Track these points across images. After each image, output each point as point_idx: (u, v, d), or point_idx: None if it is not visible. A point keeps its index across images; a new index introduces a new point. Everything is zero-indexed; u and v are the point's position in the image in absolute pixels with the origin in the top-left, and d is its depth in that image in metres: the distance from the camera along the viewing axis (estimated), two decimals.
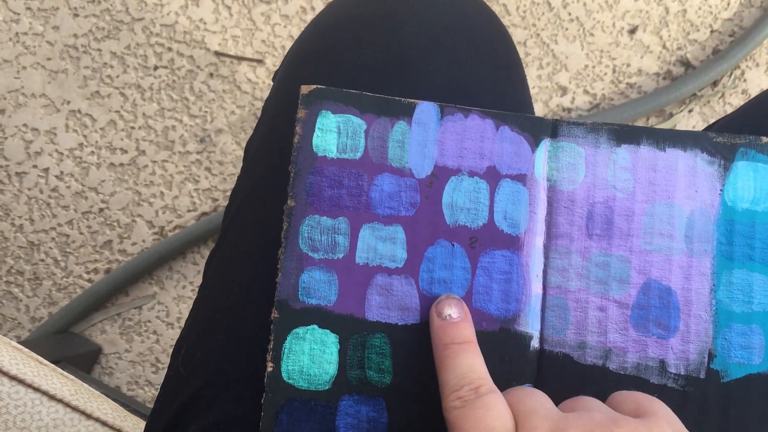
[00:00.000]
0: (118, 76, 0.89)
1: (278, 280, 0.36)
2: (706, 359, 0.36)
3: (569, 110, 0.89)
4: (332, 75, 0.40)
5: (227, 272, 0.39)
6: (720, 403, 0.35)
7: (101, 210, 0.89)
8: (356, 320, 0.36)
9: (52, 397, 0.47)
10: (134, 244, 0.89)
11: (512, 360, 0.36)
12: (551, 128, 0.38)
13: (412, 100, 0.38)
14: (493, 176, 0.37)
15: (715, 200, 0.37)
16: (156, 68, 0.90)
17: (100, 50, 0.89)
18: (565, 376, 0.36)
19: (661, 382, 0.35)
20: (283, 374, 0.35)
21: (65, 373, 0.50)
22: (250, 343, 0.36)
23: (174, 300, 0.88)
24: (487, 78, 0.41)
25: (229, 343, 0.37)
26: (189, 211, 0.89)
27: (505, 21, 0.90)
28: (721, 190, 0.37)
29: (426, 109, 0.37)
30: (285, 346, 0.35)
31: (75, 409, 0.47)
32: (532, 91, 0.89)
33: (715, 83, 0.90)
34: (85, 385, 0.51)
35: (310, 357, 0.35)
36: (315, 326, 0.36)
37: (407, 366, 0.35)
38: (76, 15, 0.89)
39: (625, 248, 0.36)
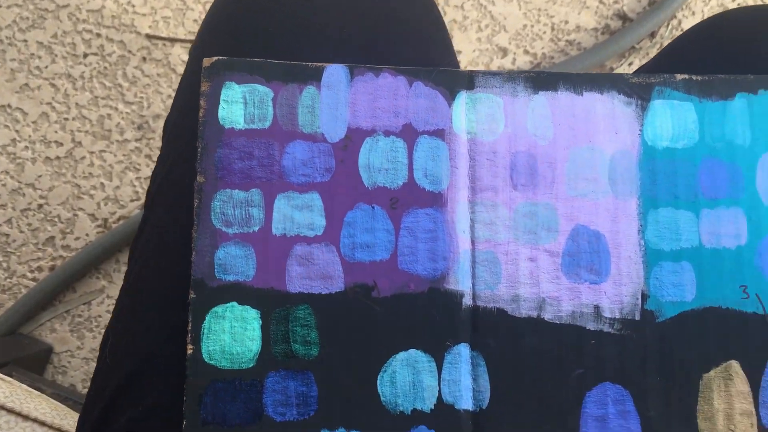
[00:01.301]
0: (46, 67, 0.86)
1: (193, 258, 0.35)
2: (640, 301, 0.35)
3: None
4: (242, 43, 0.38)
5: (150, 257, 0.38)
6: (657, 344, 0.35)
7: (40, 206, 0.86)
8: (277, 293, 0.35)
9: None
10: (78, 238, 0.86)
11: (444, 321, 0.35)
12: (467, 80, 0.37)
13: (320, 64, 0.36)
14: (409, 134, 0.36)
15: (635, 141, 0.37)
16: (86, 56, 0.87)
17: (25, 41, 0.86)
18: (501, 331, 0.35)
19: (597, 327, 0.35)
20: (204, 355, 0.34)
21: (0, 375, 0.49)
22: (175, 327, 0.35)
23: None
24: (406, 41, 0.40)
25: (155, 329, 0.36)
26: (132, 200, 0.87)
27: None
28: (640, 130, 0.37)
29: (335, 72, 0.36)
30: (204, 326, 0.34)
31: (11, 411, 0.46)
32: (472, 55, 0.88)
33: (653, 35, 0.90)
34: (23, 386, 0.50)
35: (231, 335, 0.34)
36: (234, 303, 0.35)
37: (334, 336, 0.35)
38: None
39: (551, 196, 0.36)
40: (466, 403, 0.34)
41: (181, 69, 0.87)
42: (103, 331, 0.85)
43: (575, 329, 0.35)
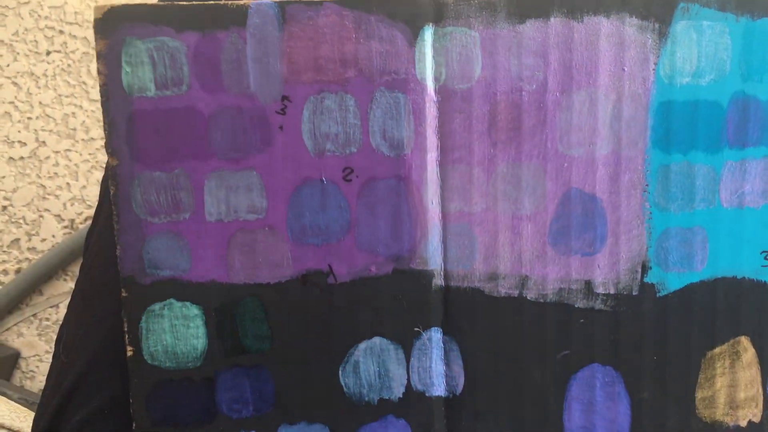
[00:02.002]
0: (8, 65, 0.84)
1: (118, 254, 0.31)
2: (639, 273, 0.31)
3: None
4: None
5: (102, 248, 0.36)
6: (655, 319, 0.31)
7: (5, 208, 0.84)
8: (220, 286, 0.31)
9: None
10: (44, 240, 0.84)
11: (412, 305, 0.31)
12: (433, 10, 0.30)
13: (242, 2, 0.29)
14: (362, 87, 0.30)
15: (648, 78, 0.30)
16: (48, 53, 0.85)
17: None
18: (476, 313, 0.31)
19: (587, 305, 0.31)
20: (146, 357, 0.31)
21: None
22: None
23: None
24: None
25: (106, 325, 0.34)
26: None
27: None
28: (655, 63, 0.30)
29: (262, 11, 0.29)
30: (141, 326, 0.31)
31: None
32: None
33: None
34: None
35: (173, 335, 0.31)
36: (172, 300, 0.31)
37: (287, 328, 0.31)
38: None
39: (538, 154, 0.30)
40: (438, 390, 0.32)
41: None
42: None
43: (562, 308, 0.31)
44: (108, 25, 0.29)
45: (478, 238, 0.31)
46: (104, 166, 0.84)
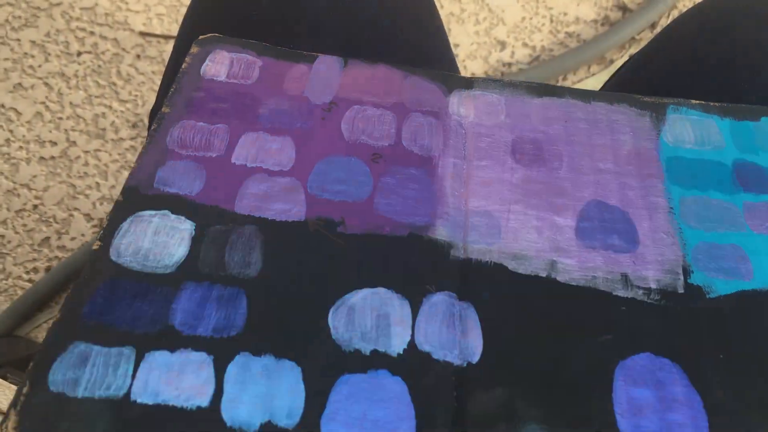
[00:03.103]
0: (40, 66, 0.85)
1: (132, 170, 0.30)
2: (681, 276, 0.29)
3: (509, 65, 0.88)
4: (228, 32, 0.37)
5: None
6: (713, 318, 0.29)
7: (35, 206, 0.85)
8: (222, 211, 0.30)
9: None
10: (73, 238, 0.85)
11: (426, 266, 0.29)
12: (465, 83, 0.35)
13: (315, 54, 0.35)
14: (401, 110, 0.33)
15: (654, 139, 0.33)
16: (79, 54, 0.86)
17: (18, 40, 0.85)
18: (499, 285, 0.29)
19: (627, 295, 0.29)
20: (111, 253, 0.28)
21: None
22: None
23: None
24: (399, 35, 0.39)
25: None
26: None
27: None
28: (658, 134, 0.34)
29: (328, 60, 0.35)
30: (122, 227, 0.28)
31: (2, 413, 0.45)
32: (470, 48, 0.87)
33: (653, 25, 0.88)
34: (13, 387, 0.49)
35: (153, 240, 0.28)
36: (167, 211, 0.29)
37: (281, 261, 0.29)
38: None
39: (560, 174, 0.32)
40: (448, 355, 0.27)
41: None
42: None
43: (599, 293, 0.29)
44: (206, 42, 0.35)
45: (503, 222, 0.30)
46: (133, 165, 0.84)
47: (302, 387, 0.26)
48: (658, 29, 0.88)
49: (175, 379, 0.25)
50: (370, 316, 0.28)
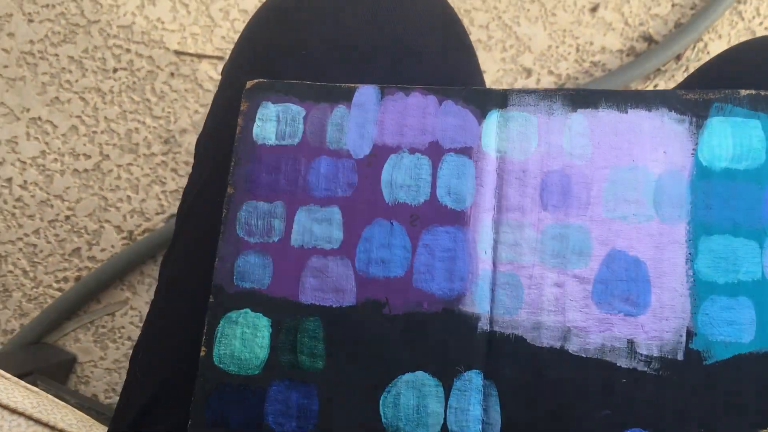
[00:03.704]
0: (77, 81, 0.88)
1: (216, 265, 0.36)
2: (684, 338, 0.31)
3: None
4: (274, 61, 0.39)
5: (180, 274, 0.38)
6: (703, 390, 0.30)
7: (68, 217, 0.87)
8: (290, 303, 0.35)
9: (13, 411, 0.46)
10: (103, 250, 0.87)
11: (457, 344, 0.33)
12: (500, 98, 0.35)
13: (352, 85, 0.37)
14: (435, 152, 0.35)
15: (687, 161, 0.33)
16: (115, 70, 0.88)
17: (57, 55, 0.88)
18: (519, 360, 0.32)
19: (630, 365, 0.31)
20: (215, 358, 0.34)
21: (28, 386, 0.49)
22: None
23: (146, 304, 0.87)
24: (433, 60, 0.41)
25: (185, 345, 0.36)
26: (157, 213, 0.88)
27: (466, 5, 0.89)
28: (693, 149, 0.33)
29: (366, 92, 0.37)
30: (218, 331, 0.35)
31: (38, 421, 0.46)
32: (497, 75, 0.89)
33: (678, 57, 0.89)
34: (50, 396, 0.50)
35: (242, 341, 0.34)
36: (248, 310, 0.35)
37: (340, 350, 0.34)
38: (31, 21, 0.88)
39: (585, 217, 0.33)
40: None
41: (208, 85, 0.88)
42: (126, 342, 0.86)
43: (604, 365, 0.31)
44: (253, 92, 0.37)
45: (525, 288, 0.33)
46: (163, 180, 0.87)
47: None
48: (683, 61, 0.89)
49: None
50: (412, 402, 0.33)
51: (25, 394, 0.48)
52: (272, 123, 0.37)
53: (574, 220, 0.33)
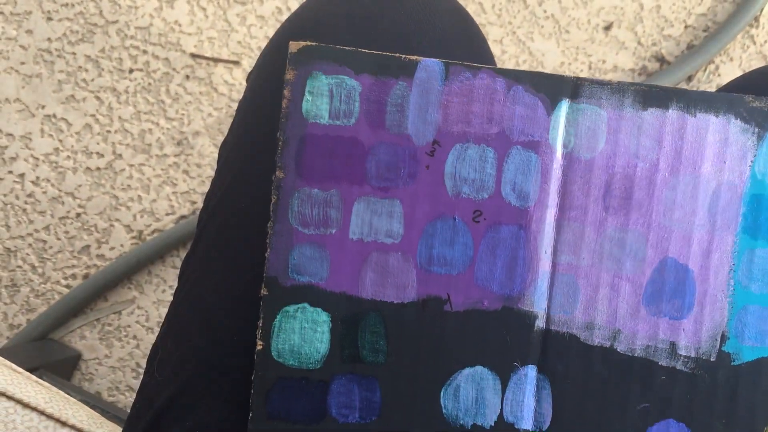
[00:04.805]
0: (93, 80, 0.89)
1: (267, 255, 0.34)
2: (719, 342, 0.34)
3: None
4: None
5: (202, 276, 0.39)
6: (728, 387, 0.34)
7: (78, 215, 0.88)
8: (349, 298, 0.34)
9: (26, 405, 0.46)
10: (112, 248, 0.88)
11: (514, 341, 0.34)
12: (572, 88, 0.34)
13: (414, 57, 0.34)
14: (502, 143, 0.34)
15: (744, 172, 0.34)
16: (131, 71, 0.89)
17: (74, 54, 0.89)
18: (571, 357, 0.34)
19: (670, 364, 0.34)
20: (273, 352, 0.34)
21: (40, 381, 0.50)
22: (227, 347, 0.36)
23: (153, 304, 0.88)
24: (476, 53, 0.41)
25: (206, 347, 0.37)
26: (167, 214, 0.88)
27: (481, 19, 0.90)
28: (752, 161, 0.34)
29: (429, 67, 0.34)
30: (275, 325, 0.34)
31: (50, 416, 0.47)
32: None
33: (689, 78, 0.90)
34: (61, 392, 0.51)
35: (301, 336, 0.34)
36: (306, 304, 0.34)
37: (402, 346, 0.34)
38: (50, 19, 0.89)
39: (643, 224, 0.34)
40: (526, 424, 0.34)
41: (222, 89, 0.89)
42: (131, 341, 0.86)
43: (647, 363, 0.34)
44: (300, 58, 0.34)
45: (581, 290, 0.34)
46: (175, 181, 0.87)
47: None
48: (695, 82, 0.90)
49: None
50: (471, 394, 0.34)
51: (37, 389, 0.48)
52: (324, 98, 0.34)
53: (633, 225, 0.34)
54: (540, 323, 0.34)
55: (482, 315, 0.34)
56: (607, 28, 0.90)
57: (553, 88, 0.34)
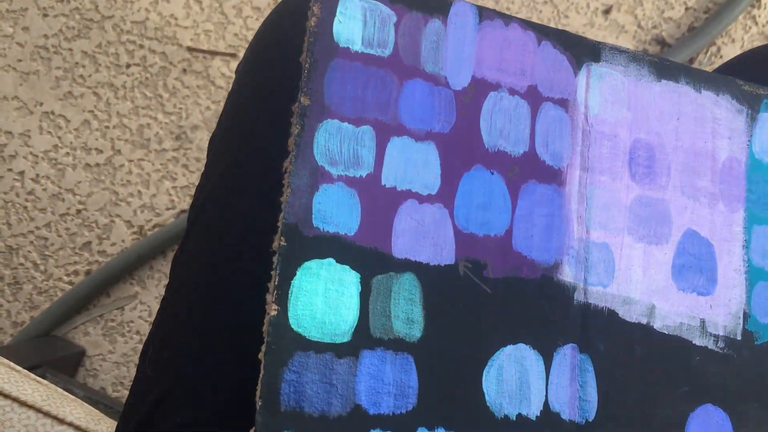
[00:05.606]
0: (90, 76, 0.88)
1: (286, 199, 0.28)
2: (742, 319, 0.33)
3: None
4: (292, 66, 0.39)
5: (192, 272, 0.39)
6: (756, 368, 0.33)
7: (79, 211, 0.88)
8: (381, 256, 0.29)
9: (23, 404, 0.46)
10: (114, 244, 0.88)
11: (555, 314, 0.31)
12: (594, 51, 0.34)
13: None
14: (534, 97, 0.33)
15: (743, 151, 0.35)
16: (128, 66, 0.89)
17: (71, 50, 0.88)
18: (611, 334, 0.32)
19: (702, 343, 0.33)
20: (291, 320, 0.27)
21: (38, 378, 0.50)
22: (216, 343, 0.36)
23: (156, 299, 0.88)
24: None
25: (195, 344, 0.36)
26: (167, 209, 0.88)
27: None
28: (748, 141, 0.35)
29: (463, 10, 0.32)
30: (294, 284, 0.28)
31: (47, 414, 0.47)
32: None
33: (691, 61, 0.89)
34: (59, 389, 0.51)
35: (325, 300, 0.28)
36: (332, 260, 0.28)
37: (439, 316, 0.29)
38: (46, 15, 0.88)
39: (666, 193, 0.34)
40: (572, 414, 0.31)
41: (220, 82, 0.89)
42: (135, 336, 0.86)
43: (683, 342, 0.33)
44: None
45: (616, 260, 0.33)
46: (174, 176, 0.87)
47: None
48: (696, 65, 0.89)
49: None
50: (514, 377, 0.30)
51: (34, 387, 0.48)
52: (358, 22, 0.31)
53: (657, 194, 0.34)
54: (579, 296, 0.32)
55: (521, 284, 0.31)
56: (607, 11, 0.89)
57: (577, 48, 0.33)
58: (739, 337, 0.33)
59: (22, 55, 0.88)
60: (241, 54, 0.89)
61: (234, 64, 0.89)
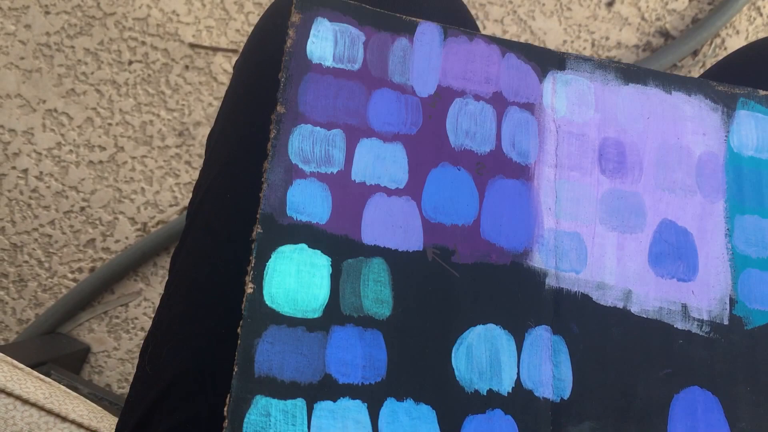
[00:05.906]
0: (92, 73, 0.88)
1: (263, 193, 0.32)
2: (728, 305, 0.34)
3: None
4: None
5: (190, 268, 0.39)
6: (747, 352, 0.33)
7: (83, 209, 0.88)
8: (351, 242, 0.32)
9: (25, 401, 0.46)
10: (117, 241, 0.88)
11: (526, 298, 0.33)
12: (558, 60, 0.36)
13: (414, 18, 0.35)
14: (499, 102, 0.35)
15: (721, 145, 0.36)
16: (131, 63, 0.89)
17: (73, 47, 0.88)
18: (585, 317, 0.33)
19: (685, 327, 0.33)
20: (266, 297, 0.30)
21: (41, 376, 0.50)
22: (215, 339, 0.36)
23: (159, 296, 0.88)
24: None
25: (194, 340, 0.36)
26: (171, 205, 0.88)
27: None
28: (726, 136, 0.36)
29: (428, 29, 0.35)
30: (268, 266, 0.31)
31: (50, 412, 0.47)
32: None
33: (695, 53, 0.89)
34: (62, 387, 0.51)
35: (298, 279, 0.31)
36: (304, 245, 0.31)
37: (408, 297, 0.32)
38: (48, 13, 0.88)
39: (639, 186, 0.35)
40: (546, 391, 0.32)
41: (222, 78, 0.88)
42: (139, 332, 0.87)
43: (663, 326, 0.33)
44: (306, 4, 0.35)
45: (588, 248, 0.34)
46: (177, 172, 0.87)
47: (438, 430, 0.30)
48: (700, 57, 0.89)
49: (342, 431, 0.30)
50: (485, 355, 0.32)
51: (37, 385, 0.48)
52: (329, 42, 0.34)
53: (629, 188, 0.35)
54: (550, 281, 0.33)
55: (491, 269, 0.33)
56: (610, 4, 0.89)
57: (541, 59, 0.36)
58: (726, 322, 0.34)
59: (24, 52, 0.88)
60: None
61: (234, 62, 0.89)
